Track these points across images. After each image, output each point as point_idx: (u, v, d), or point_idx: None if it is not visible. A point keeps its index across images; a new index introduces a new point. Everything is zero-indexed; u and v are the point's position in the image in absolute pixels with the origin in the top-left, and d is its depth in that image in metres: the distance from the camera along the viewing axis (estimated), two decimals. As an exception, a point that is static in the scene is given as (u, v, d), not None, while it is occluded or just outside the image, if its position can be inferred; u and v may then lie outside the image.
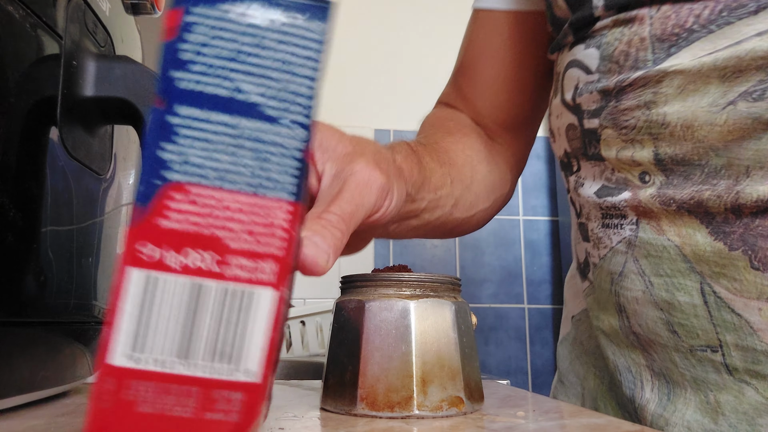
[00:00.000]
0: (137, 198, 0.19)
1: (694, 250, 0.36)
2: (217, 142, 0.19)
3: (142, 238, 0.19)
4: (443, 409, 0.31)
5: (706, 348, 0.36)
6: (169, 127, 0.19)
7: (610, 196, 0.40)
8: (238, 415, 0.19)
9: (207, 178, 0.19)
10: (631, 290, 0.40)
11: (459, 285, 0.36)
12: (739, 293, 0.34)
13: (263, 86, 0.20)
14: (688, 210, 0.36)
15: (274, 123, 0.20)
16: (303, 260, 0.24)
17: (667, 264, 0.37)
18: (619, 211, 0.40)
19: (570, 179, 0.46)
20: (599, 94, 0.39)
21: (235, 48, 0.20)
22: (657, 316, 0.38)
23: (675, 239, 0.37)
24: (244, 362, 0.19)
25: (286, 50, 0.20)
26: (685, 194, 0.35)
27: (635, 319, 0.40)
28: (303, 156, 0.20)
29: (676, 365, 0.38)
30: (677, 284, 0.37)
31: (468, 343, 0.34)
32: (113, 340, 0.19)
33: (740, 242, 0.34)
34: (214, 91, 0.19)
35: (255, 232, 0.20)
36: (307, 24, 0.20)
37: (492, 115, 0.55)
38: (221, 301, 0.19)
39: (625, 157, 0.38)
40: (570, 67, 0.42)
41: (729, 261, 0.34)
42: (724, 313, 0.35)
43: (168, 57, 0.19)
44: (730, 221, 0.34)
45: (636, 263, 0.39)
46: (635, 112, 0.37)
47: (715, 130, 0.33)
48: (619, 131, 0.38)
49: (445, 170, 0.46)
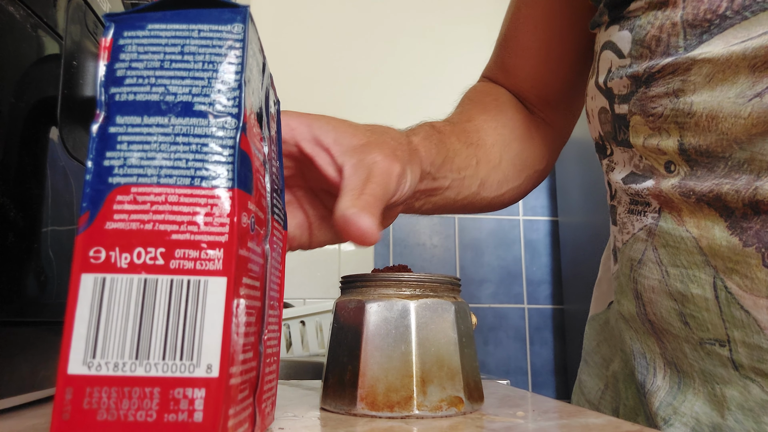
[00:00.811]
0: (85, 205, 0.20)
1: (710, 243, 0.35)
2: (154, 142, 0.21)
3: (91, 242, 0.20)
4: (443, 409, 0.31)
5: (714, 342, 0.36)
6: (110, 137, 0.21)
7: (634, 183, 0.40)
8: (203, 415, 0.19)
9: (147, 177, 0.20)
10: (648, 278, 0.40)
11: (459, 285, 0.36)
12: (749, 291, 0.34)
13: (190, 86, 0.22)
14: (707, 203, 0.35)
15: (203, 117, 0.21)
16: (359, 232, 0.29)
17: (684, 255, 0.37)
18: (642, 199, 0.40)
19: (603, 162, 0.45)
20: (629, 79, 0.39)
21: (161, 58, 0.22)
22: (671, 306, 0.38)
23: (693, 231, 0.36)
24: (203, 357, 0.19)
25: (208, 52, 0.22)
26: (705, 187, 0.35)
27: (650, 307, 0.40)
28: (236, 144, 0.21)
29: (686, 356, 0.38)
30: (692, 276, 0.37)
31: (468, 343, 0.34)
32: (69, 347, 0.19)
33: (755, 239, 0.33)
34: (147, 98, 0.21)
35: (197, 222, 0.20)
36: (224, 28, 0.22)
37: (533, 87, 0.55)
38: (170, 294, 0.20)
39: (651, 145, 0.38)
40: (605, 49, 0.42)
41: (742, 257, 0.34)
42: (733, 309, 0.35)
43: (105, 76, 0.22)
44: (748, 217, 0.34)
45: (655, 252, 0.39)
46: (663, 99, 0.36)
47: (739, 122, 0.32)
48: (646, 118, 0.38)
49: (471, 151, 0.47)
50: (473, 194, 0.47)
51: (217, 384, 0.19)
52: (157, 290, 0.19)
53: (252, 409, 0.23)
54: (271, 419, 0.28)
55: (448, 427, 0.29)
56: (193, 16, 0.22)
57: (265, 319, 0.25)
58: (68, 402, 0.19)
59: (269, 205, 0.26)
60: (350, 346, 0.33)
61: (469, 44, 1.66)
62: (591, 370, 0.51)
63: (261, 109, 0.26)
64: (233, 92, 0.22)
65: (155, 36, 0.22)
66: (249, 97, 0.23)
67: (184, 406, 0.19)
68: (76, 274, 0.19)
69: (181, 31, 0.22)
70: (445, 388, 0.31)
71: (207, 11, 0.22)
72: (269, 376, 0.27)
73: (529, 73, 0.55)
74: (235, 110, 0.22)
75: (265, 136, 0.27)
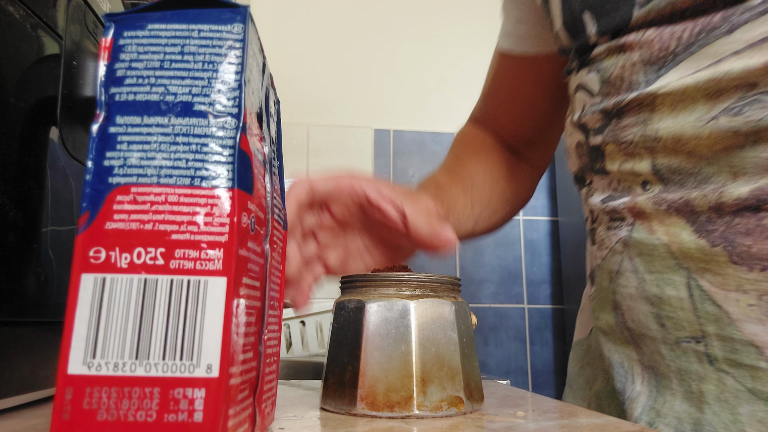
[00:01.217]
0: (85, 206, 0.20)
1: (680, 247, 0.39)
2: (154, 142, 0.21)
3: (91, 242, 0.20)
4: (443, 409, 0.31)
5: (690, 339, 0.39)
6: (110, 137, 0.21)
7: (612, 201, 0.44)
8: (203, 415, 0.19)
9: (147, 177, 0.20)
10: (626, 287, 0.43)
11: (459, 285, 0.36)
12: (720, 286, 0.37)
13: (190, 86, 0.21)
14: (676, 209, 0.39)
15: (203, 117, 0.21)
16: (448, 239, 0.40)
17: (658, 261, 0.40)
18: (619, 214, 0.43)
19: (582, 191, 0.50)
20: (601, 113, 0.43)
21: (161, 58, 0.22)
22: (648, 310, 0.41)
23: (664, 238, 0.40)
24: (203, 357, 0.19)
25: (208, 52, 0.22)
26: (676, 195, 0.39)
27: (629, 314, 0.43)
28: (236, 144, 0.21)
29: (663, 357, 0.41)
30: (667, 279, 0.40)
31: (468, 343, 0.34)
32: (69, 347, 0.19)
33: (721, 239, 0.36)
34: (147, 98, 0.21)
35: (197, 222, 0.20)
36: (224, 28, 0.22)
37: (514, 131, 0.65)
38: (170, 294, 0.19)
39: (626, 169, 0.42)
40: (578, 91, 0.47)
41: (711, 257, 0.37)
42: (706, 305, 0.37)
43: (105, 76, 0.22)
44: (712, 220, 0.37)
45: (631, 261, 0.43)
46: (633, 128, 0.41)
47: (701, 143, 0.37)
48: (619, 146, 0.42)
49: (467, 196, 0.58)
50: (468, 231, 0.58)
51: (217, 384, 0.19)
52: (157, 290, 0.19)
53: (252, 409, 0.23)
54: (271, 419, 0.28)
55: (448, 427, 0.29)
56: (193, 16, 0.22)
57: (265, 319, 0.25)
58: (68, 402, 0.19)
59: (269, 205, 0.26)
60: (350, 346, 0.33)
61: (470, 45, 1.66)
62: (575, 393, 0.53)
63: (261, 109, 0.26)
64: (233, 92, 0.22)
65: (155, 36, 0.22)
66: (249, 97, 0.23)
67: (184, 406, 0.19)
68: (76, 274, 0.19)
69: (181, 31, 0.22)
70: (446, 388, 0.31)
71: (207, 11, 0.22)
72: (269, 376, 0.27)
73: (509, 120, 0.65)
74: (235, 110, 0.21)
75: (265, 136, 0.27)
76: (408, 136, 1.64)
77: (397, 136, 1.64)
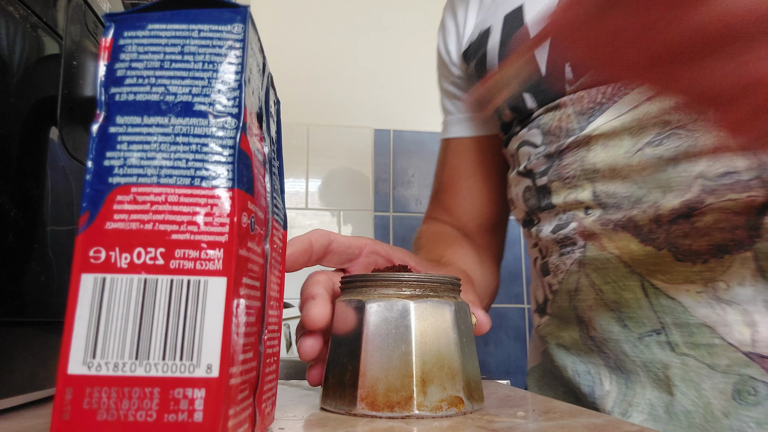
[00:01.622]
0: (85, 205, 0.20)
1: (631, 256, 0.45)
2: (154, 142, 0.21)
3: (91, 242, 0.20)
4: (443, 409, 0.31)
5: (652, 332, 0.44)
6: (110, 137, 0.21)
7: (562, 230, 0.51)
8: (203, 415, 0.19)
9: (147, 177, 0.20)
10: (585, 300, 0.49)
11: (459, 285, 0.36)
12: (671, 282, 0.43)
13: (190, 86, 0.21)
14: (621, 226, 0.45)
15: (203, 117, 0.21)
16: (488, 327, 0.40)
17: (613, 272, 0.46)
18: (570, 240, 0.50)
19: (531, 231, 0.56)
20: (545, 157, 0.52)
21: (161, 58, 0.22)
22: (610, 316, 0.47)
23: (615, 251, 0.46)
24: (203, 357, 0.19)
25: (208, 52, 0.22)
26: (618, 215, 0.46)
27: (591, 324, 0.49)
28: (236, 144, 0.21)
29: (627, 355, 0.46)
30: (622, 285, 0.46)
31: (468, 343, 0.34)
32: (69, 348, 0.19)
33: (665, 243, 0.43)
34: (147, 98, 0.21)
35: (197, 222, 0.20)
36: (224, 28, 0.22)
37: (472, 220, 0.69)
38: (170, 294, 0.19)
39: (570, 199, 0.49)
40: (521, 146, 0.55)
41: (659, 259, 0.44)
42: (661, 299, 0.44)
43: (105, 76, 0.22)
44: (653, 230, 0.44)
45: (587, 278, 0.49)
46: (573, 165, 0.49)
47: (633, 169, 0.45)
48: (563, 181, 0.50)
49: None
50: None
51: (217, 384, 0.19)
52: (157, 290, 0.19)
53: (252, 409, 0.23)
54: (271, 419, 0.28)
55: (449, 427, 0.29)
56: (193, 16, 0.22)
57: (265, 319, 0.25)
58: (68, 402, 0.19)
59: (269, 205, 0.26)
60: (350, 346, 0.33)
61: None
62: None
63: (261, 109, 0.26)
64: (233, 92, 0.22)
65: (155, 36, 0.22)
66: (249, 97, 0.23)
67: (184, 406, 0.19)
68: (76, 274, 0.19)
69: (181, 31, 0.22)
70: (446, 388, 0.31)
71: (207, 11, 0.22)
72: (269, 376, 0.27)
73: (467, 209, 0.69)
74: (235, 110, 0.21)
75: (266, 136, 0.26)
76: (408, 136, 1.64)
77: (397, 136, 1.64)
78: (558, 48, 0.26)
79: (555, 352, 0.54)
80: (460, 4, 0.66)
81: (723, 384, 0.41)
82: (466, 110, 0.68)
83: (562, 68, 0.50)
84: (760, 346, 0.40)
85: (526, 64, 0.31)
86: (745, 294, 0.40)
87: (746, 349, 0.40)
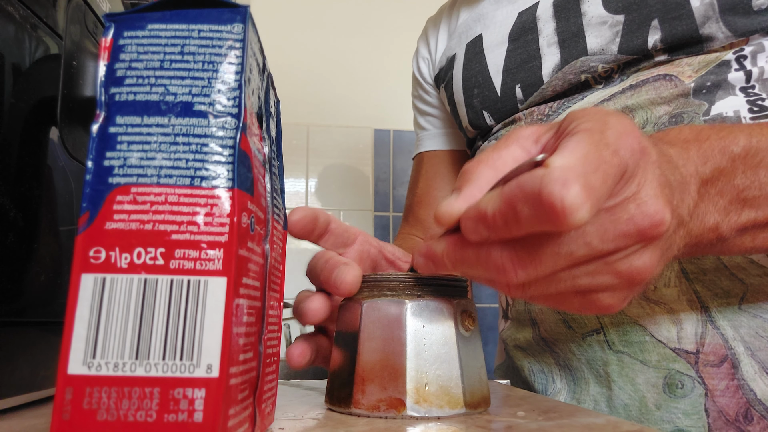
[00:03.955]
0: (85, 206, 0.20)
1: None
2: (154, 142, 0.21)
3: (91, 242, 0.20)
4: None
5: (592, 332, 0.48)
6: (110, 137, 0.21)
7: None
8: (203, 415, 0.19)
9: (147, 177, 0.20)
10: (537, 304, 0.51)
11: (459, 285, 0.36)
12: None
13: (190, 86, 0.21)
14: None
15: (203, 117, 0.21)
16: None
17: None
18: None
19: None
20: None
21: (161, 58, 0.22)
22: (557, 318, 0.51)
23: None
24: (203, 357, 0.19)
25: (208, 52, 0.22)
26: None
27: (543, 325, 0.53)
28: (236, 144, 0.21)
29: (573, 354, 0.50)
30: None
31: (468, 343, 0.34)
32: (69, 348, 0.19)
33: None
34: (147, 98, 0.21)
35: (197, 222, 0.20)
36: (224, 28, 0.22)
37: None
38: (170, 294, 0.19)
39: None
40: None
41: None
42: None
43: (105, 76, 0.22)
44: None
45: None
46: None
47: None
48: None
49: None
50: None
51: (217, 384, 0.19)
52: (157, 290, 0.19)
53: (252, 409, 0.23)
54: (271, 419, 0.28)
55: (449, 427, 0.29)
56: (193, 16, 0.22)
57: (265, 319, 0.25)
58: (68, 402, 0.19)
59: (269, 205, 0.26)
60: (349, 347, 0.33)
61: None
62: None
63: (261, 109, 0.26)
64: (233, 92, 0.22)
65: (155, 36, 0.22)
66: (249, 97, 0.23)
67: (184, 406, 0.19)
68: (76, 274, 0.19)
69: (181, 31, 0.22)
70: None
71: (207, 11, 0.22)
72: (269, 376, 0.27)
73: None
74: (235, 110, 0.21)
75: (265, 136, 0.26)
76: (408, 136, 1.64)
77: (397, 136, 1.64)
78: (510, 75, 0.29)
79: (514, 353, 0.59)
80: (432, 34, 0.78)
81: (655, 378, 0.44)
82: (440, 126, 0.74)
83: (513, 90, 0.57)
84: (684, 342, 0.44)
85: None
86: (670, 294, 0.44)
87: (673, 345, 0.44)
